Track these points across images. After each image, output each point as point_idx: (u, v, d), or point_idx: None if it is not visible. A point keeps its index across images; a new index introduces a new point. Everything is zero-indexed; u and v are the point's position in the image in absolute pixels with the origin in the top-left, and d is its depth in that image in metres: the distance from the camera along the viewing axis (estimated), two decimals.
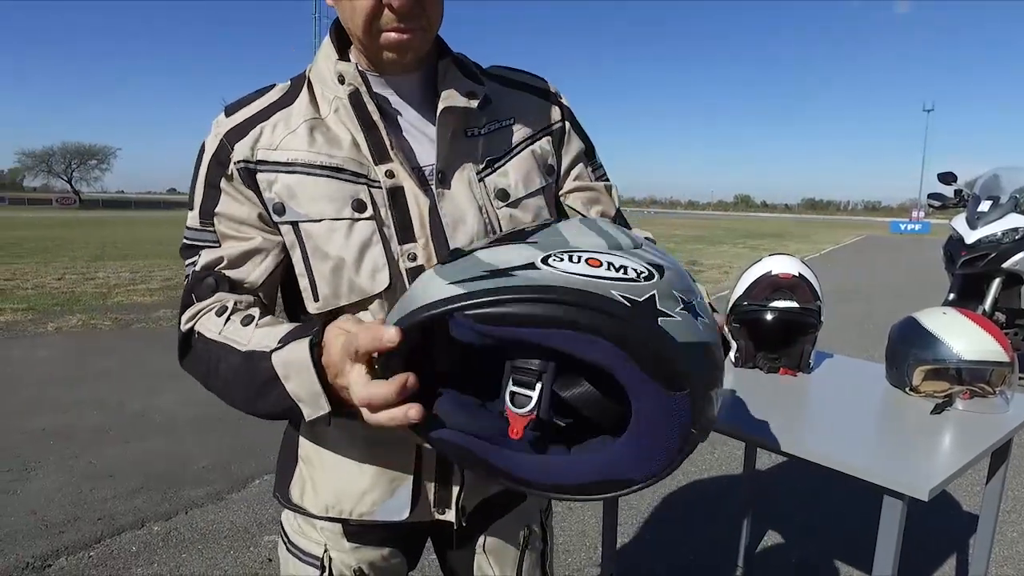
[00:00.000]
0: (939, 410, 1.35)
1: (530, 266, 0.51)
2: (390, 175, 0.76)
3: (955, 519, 2.59)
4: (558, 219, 0.66)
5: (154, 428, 3.40)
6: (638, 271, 0.51)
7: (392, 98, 0.79)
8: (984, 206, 4.13)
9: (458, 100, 0.77)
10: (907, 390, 1.45)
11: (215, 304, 0.76)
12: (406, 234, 0.76)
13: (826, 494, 2.78)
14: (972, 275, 4.13)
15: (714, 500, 2.76)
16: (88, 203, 57.52)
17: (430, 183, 0.77)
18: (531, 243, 0.56)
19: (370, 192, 0.75)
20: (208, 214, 0.77)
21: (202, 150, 0.79)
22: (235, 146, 0.76)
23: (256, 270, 0.78)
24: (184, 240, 0.81)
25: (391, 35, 0.72)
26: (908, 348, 1.45)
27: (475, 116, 0.80)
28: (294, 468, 0.86)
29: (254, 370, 0.68)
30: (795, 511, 2.64)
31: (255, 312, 0.74)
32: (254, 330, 0.71)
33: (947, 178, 4.42)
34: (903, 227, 38.09)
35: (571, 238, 0.57)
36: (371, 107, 0.76)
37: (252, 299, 0.78)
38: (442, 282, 0.52)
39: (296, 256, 0.77)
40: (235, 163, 0.76)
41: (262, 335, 0.70)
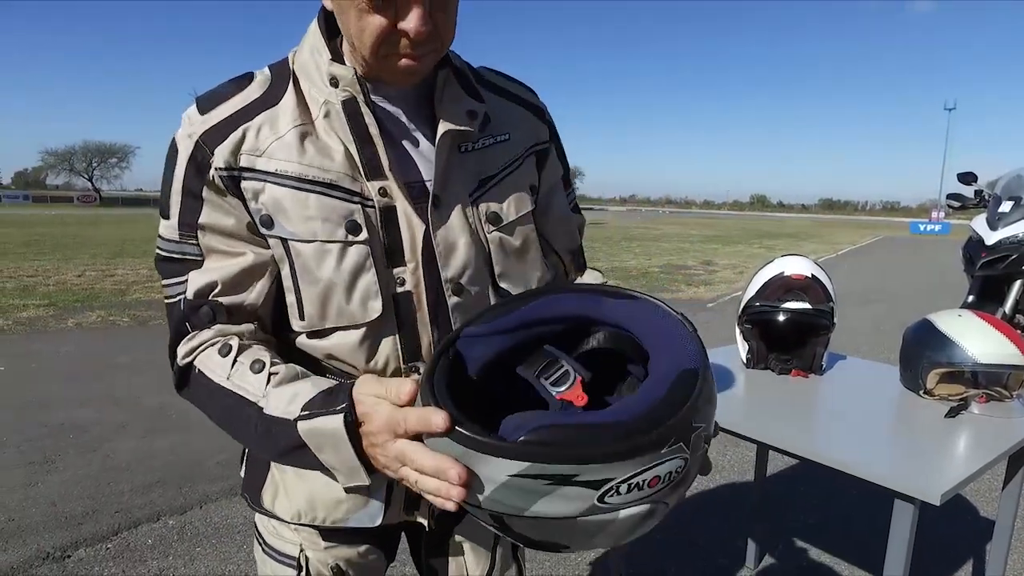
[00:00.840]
0: (954, 413, 1.33)
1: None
2: (383, 193, 0.71)
3: (971, 525, 2.55)
4: None
5: (170, 424, 3.45)
6: None
7: (383, 105, 0.74)
8: (1005, 207, 4.05)
9: (460, 122, 0.73)
10: (921, 393, 1.43)
11: (216, 340, 0.71)
12: (395, 257, 0.72)
13: (837, 497, 2.75)
14: (992, 277, 4.05)
15: (725, 502, 2.74)
16: (108, 201, 58.48)
17: (422, 202, 0.72)
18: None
19: (364, 212, 0.70)
20: (189, 226, 0.71)
21: (174, 151, 0.71)
22: (215, 150, 0.69)
23: (253, 292, 0.73)
24: (160, 252, 0.73)
25: (402, 61, 0.67)
26: (923, 350, 1.43)
27: (472, 132, 0.76)
28: (266, 473, 0.82)
29: (276, 435, 0.64)
30: (806, 514, 2.61)
31: (264, 355, 0.69)
32: (268, 385, 0.67)
33: (967, 178, 4.34)
34: (922, 228, 37.53)
35: None
36: (369, 119, 0.71)
37: (253, 327, 0.73)
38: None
39: (284, 271, 0.72)
40: (216, 170, 0.69)
41: (280, 396, 0.65)
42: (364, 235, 0.70)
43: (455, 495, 0.51)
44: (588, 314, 0.62)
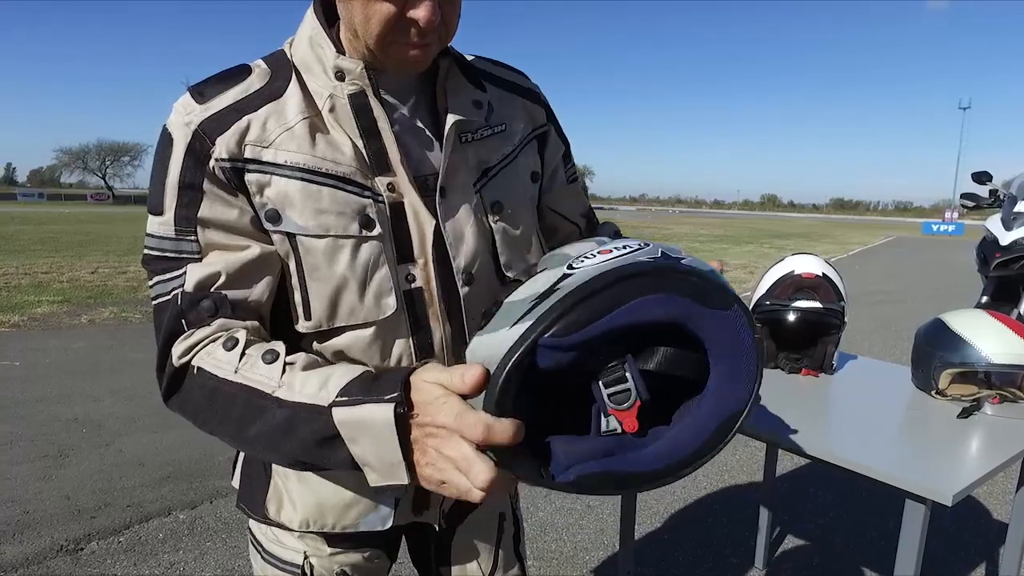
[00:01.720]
0: (966, 414, 1.32)
1: (564, 276, 0.52)
2: (391, 188, 0.70)
3: (983, 527, 2.52)
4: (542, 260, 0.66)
5: (181, 419, 3.43)
6: (638, 246, 0.56)
7: (385, 97, 0.72)
8: (1021, 207, 4.00)
9: (467, 112, 0.73)
10: (933, 393, 1.42)
11: (219, 335, 0.64)
12: (404, 253, 0.70)
13: (848, 498, 2.73)
14: (1006, 278, 4.00)
15: (735, 502, 2.73)
16: (121, 199, 59.04)
17: (430, 195, 0.71)
18: (541, 271, 0.57)
19: (376, 207, 0.69)
20: (187, 220, 0.65)
21: (168, 140, 0.66)
22: (216, 140, 0.65)
23: (258, 286, 0.68)
24: (150, 252, 0.67)
25: (409, 50, 0.66)
26: (935, 350, 1.42)
27: (478, 123, 0.75)
28: (267, 483, 0.79)
29: (300, 425, 0.57)
30: (816, 515, 2.60)
31: (277, 347, 0.63)
32: (288, 372, 0.60)
33: (982, 177, 4.29)
34: (935, 228, 37.13)
35: (569, 251, 0.59)
36: (378, 112, 0.69)
37: (258, 325, 0.68)
38: (504, 331, 0.51)
39: (291, 268, 0.69)
40: (217, 160, 0.65)
41: (308, 380, 0.59)
42: (378, 230, 0.69)
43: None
44: (678, 321, 0.52)
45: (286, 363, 0.61)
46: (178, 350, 0.64)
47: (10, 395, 3.80)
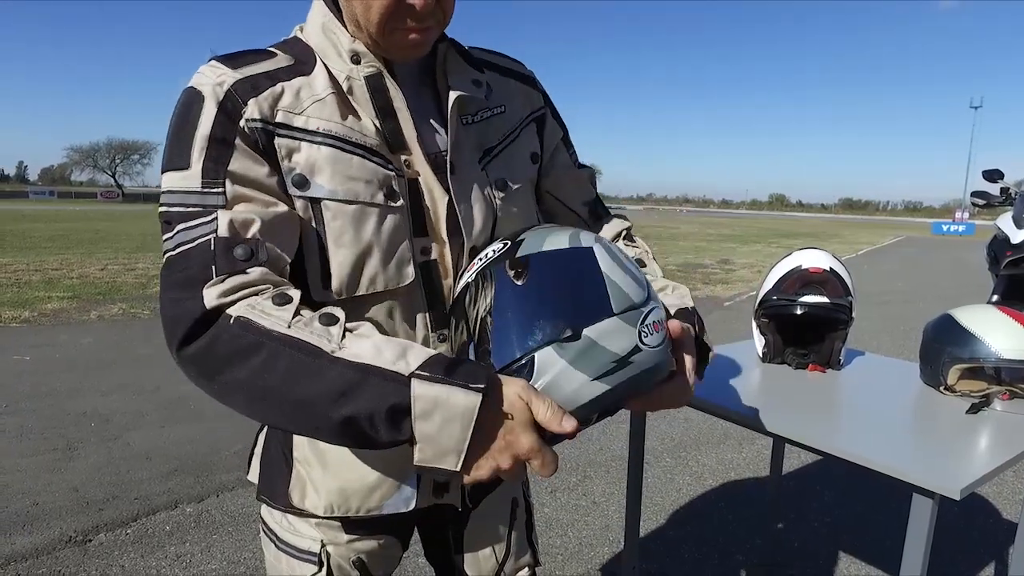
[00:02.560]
0: (975, 410, 1.30)
1: (636, 349, 0.61)
2: (408, 165, 0.73)
3: (992, 527, 2.50)
4: (595, 251, 0.65)
5: (189, 414, 3.50)
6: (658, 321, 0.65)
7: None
8: None
9: (468, 90, 0.75)
10: (942, 389, 1.41)
11: (263, 285, 0.60)
12: (419, 227, 0.73)
13: (853, 496, 2.71)
14: (1017, 276, 3.96)
15: (740, 500, 2.71)
16: (130, 197, 59.52)
17: (441, 172, 0.74)
18: (617, 313, 0.61)
19: (398, 180, 0.71)
20: (215, 172, 0.63)
21: (196, 97, 0.65)
22: (248, 101, 0.65)
23: (289, 243, 0.66)
24: (169, 208, 0.63)
25: (408, 35, 0.68)
26: (943, 345, 1.40)
27: (473, 104, 0.77)
28: (288, 471, 0.80)
29: (365, 390, 0.55)
30: (822, 512, 2.58)
31: (337, 312, 0.60)
32: (350, 336, 0.58)
33: (993, 175, 4.25)
34: (945, 228, 36.82)
35: (627, 290, 0.64)
36: (395, 91, 0.72)
37: (299, 291, 0.64)
38: (585, 378, 0.59)
39: (310, 236, 0.68)
40: (248, 121, 0.65)
41: (380, 347, 0.57)
42: (401, 202, 0.71)
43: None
44: None
45: (347, 328, 0.59)
46: (211, 293, 0.58)
47: (20, 389, 3.83)
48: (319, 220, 0.68)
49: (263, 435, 0.86)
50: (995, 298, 4.04)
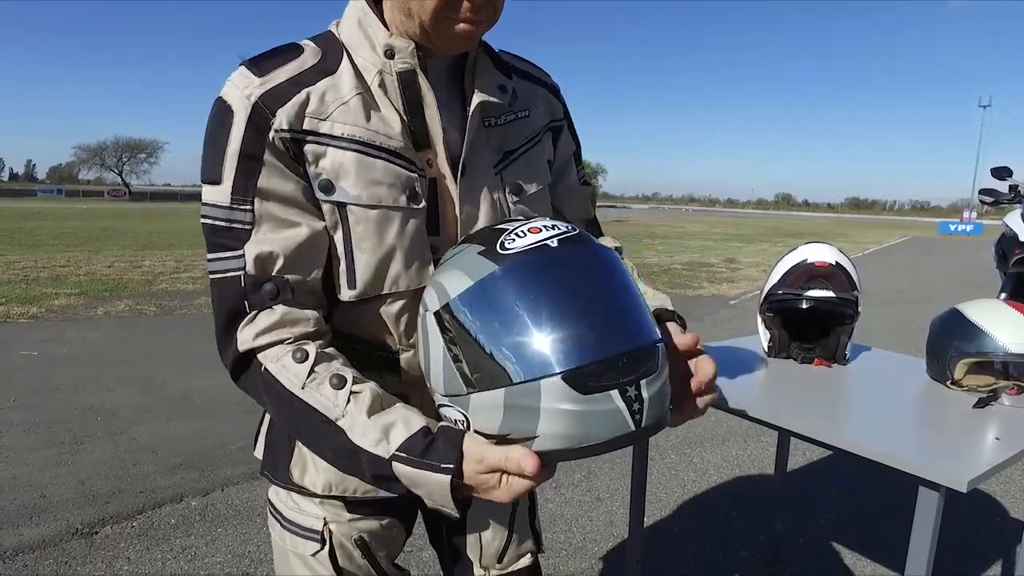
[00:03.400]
0: (983, 404, 1.29)
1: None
2: (429, 164, 0.73)
3: (999, 525, 2.48)
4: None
5: (194, 409, 3.52)
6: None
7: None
8: None
9: (493, 95, 0.75)
10: (948, 384, 1.40)
11: (286, 330, 0.68)
12: (432, 226, 0.73)
13: (859, 494, 2.70)
14: None
15: (745, 496, 2.71)
16: (137, 195, 59.87)
17: (455, 175, 0.74)
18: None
19: (420, 181, 0.72)
20: (244, 189, 0.67)
21: (226, 111, 0.67)
22: (276, 112, 0.67)
23: (314, 270, 0.70)
24: (207, 220, 0.68)
25: (462, 26, 0.68)
26: (950, 340, 1.39)
27: (497, 108, 0.78)
28: (291, 448, 0.82)
29: (364, 462, 0.63)
30: (827, 510, 2.57)
31: (346, 372, 0.67)
32: (353, 403, 0.65)
33: (1002, 173, 4.21)
34: (953, 228, 36.61)
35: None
36: (426, 89, 0.72)
37: (319, 315, 0.71)
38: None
39: (337, 239, 0.71)
40: (277, 131, 0.67)
41: (369, 428, 0.63)
42: (423, 204, 0.72)
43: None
44: None
45: (352, 392, 0.65)
46: (244, 335, 0.68)
47: (28, 384, 3.86)
48: (344, 223, 0.70)
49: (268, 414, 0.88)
50: (1003, 296, 4.01)
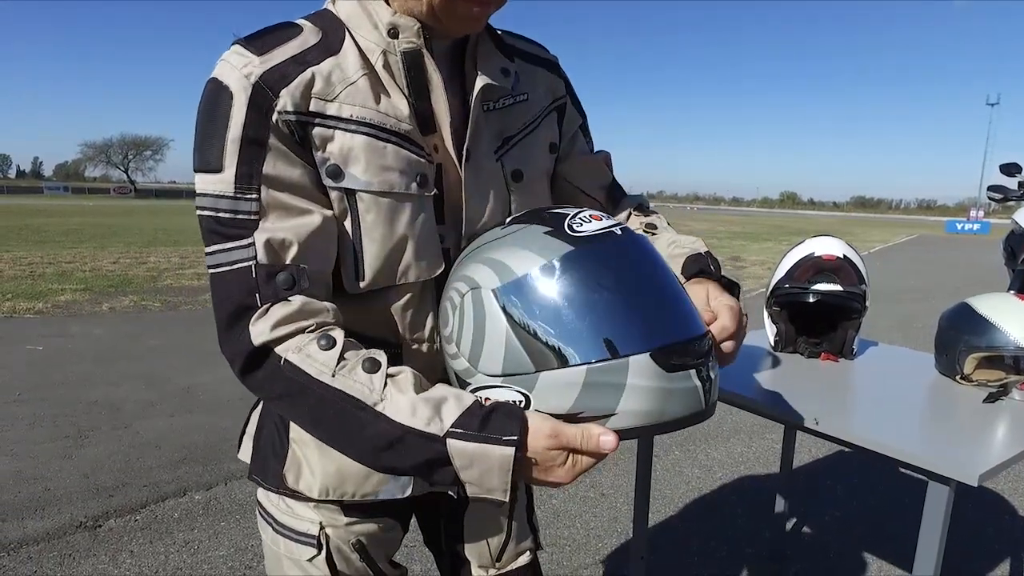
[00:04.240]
0: (993, 399, 1.28)
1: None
2: (436, 149, 0.70)
3: (1007, 524, 2.46)
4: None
5: (198, 404, 3.52)
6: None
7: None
8: None
9: (496, 79, 0.73)
10: (958, 378, 1.38)
11: (306, 321, 0.62)
12: (438, 214, 0.71)
13: (865, 491, 2.68)
14: None
15: (750, 493, 2.69)
16: (142, 192, 60.04)
17: (459, 160, 0.72)
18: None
19: (430, 167, 0.69)
20: (248, 177, 0.61)
21: (224, 93, 0.62)
22: (280, 92, 0.62)
23: (328, 260, 0.66)
24: (205, 212, 0.62)
25: (473, 8, 0.66)
26: (960, 334, 1.37)
27: (497, 91, 0.75)
28: (285, 451, 0.78)
29: (409, 447, 0.58)
30: (833, 507, 2.55)
31: (379, 356, 0.62)
32: (391, 385, 0.60)
33: (1010, 169, 4.17)
34: (959, 227, 36.37)
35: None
36: (432, 70, 0.68)
37: (337, 309, 0.66)
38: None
39: (345, 228, 0.67)
40: (281, 114, 0.62)
41: (416, 406, 0.58)
42: (433, 190, 0.69)
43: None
44: None
45: (388, 375, 0.61)
46: (259, 328, 0.61)
47: (33, 378, 3.87)
48: (353, 212, 0.66)
49: (257, 414, 0.84)
50: (1012, 293, 3.97)
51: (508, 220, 0.69)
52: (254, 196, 0.62)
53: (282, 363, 0.61)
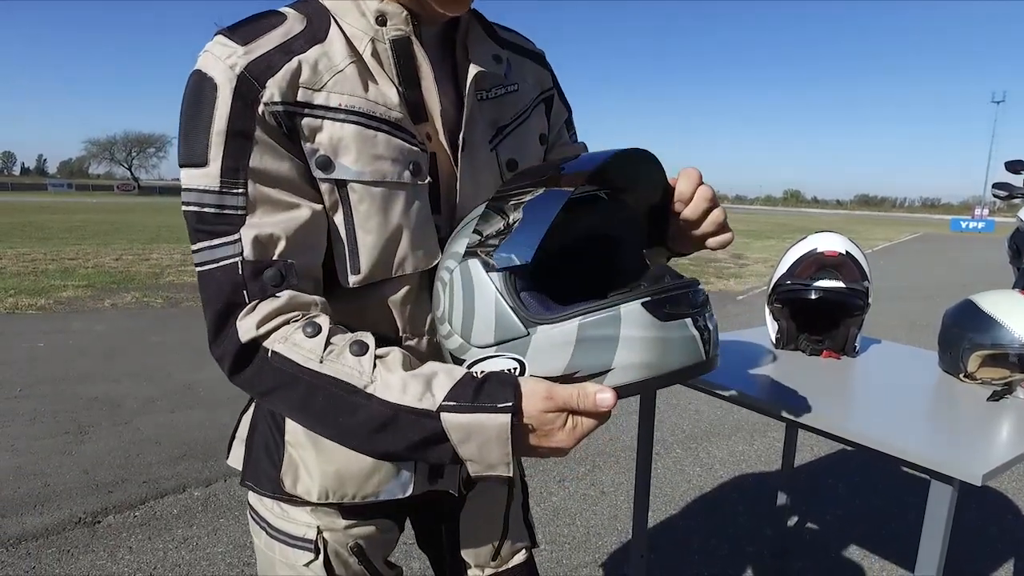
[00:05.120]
0: (997, 397, 1.26)
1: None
2: (428, 138, 0.69)
3: (1010, 524, 2.44)
4: None
5: (198, 400, 3.52)
6: None
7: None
8: None
9: (489, 65, 0.72)
10: (962, 376, 1.36)
11: (293, 315, 0.61)
12: (434, 204, 0.69)
13: (866, 490, 2.66)
14: None
15: (751, 491, 2.68)
16: (146, 189, 60.19)
17: (455, 148, 0.71)
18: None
19: (423, 155, 0.68)
20: (234, 171, 0.60)
21: (208, 84, 0.60)
22: (266, 83, 0.60)
23: (317, 254, 0.65)
24: (192, 208, 0.61)
25: None
26: (964, 332, 1.36)
27: (489, 80, 0.74)
28: (281, 454, 0.76)
29: (403, 426, 0.57)
30: (835, 506, 2.54)
31: (366, 338, 0.61)
32: (380, 366, 0.59)
33: (1016, 166, 4.14)
34: (964, 225, 36.20)
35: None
36: (421, 57, 0.67)
37: (325, 301, 0.65)
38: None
39: (337, 220, 0.65)
40: (268, 105, 0.60)
41: (406, 383, 0.58)
42: (427, 179, 0.67)
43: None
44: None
45: (376, 356, 0.60)
46: (246, 324, 0.60)
47: (34, 374, 3.88)
48: (345, 203, 0.65)
49: (248, 417, 0.82)
50: (1016, 291, 3.95)
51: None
52: (240, 191, 0.60)
53: (269, 355, 0.60)
